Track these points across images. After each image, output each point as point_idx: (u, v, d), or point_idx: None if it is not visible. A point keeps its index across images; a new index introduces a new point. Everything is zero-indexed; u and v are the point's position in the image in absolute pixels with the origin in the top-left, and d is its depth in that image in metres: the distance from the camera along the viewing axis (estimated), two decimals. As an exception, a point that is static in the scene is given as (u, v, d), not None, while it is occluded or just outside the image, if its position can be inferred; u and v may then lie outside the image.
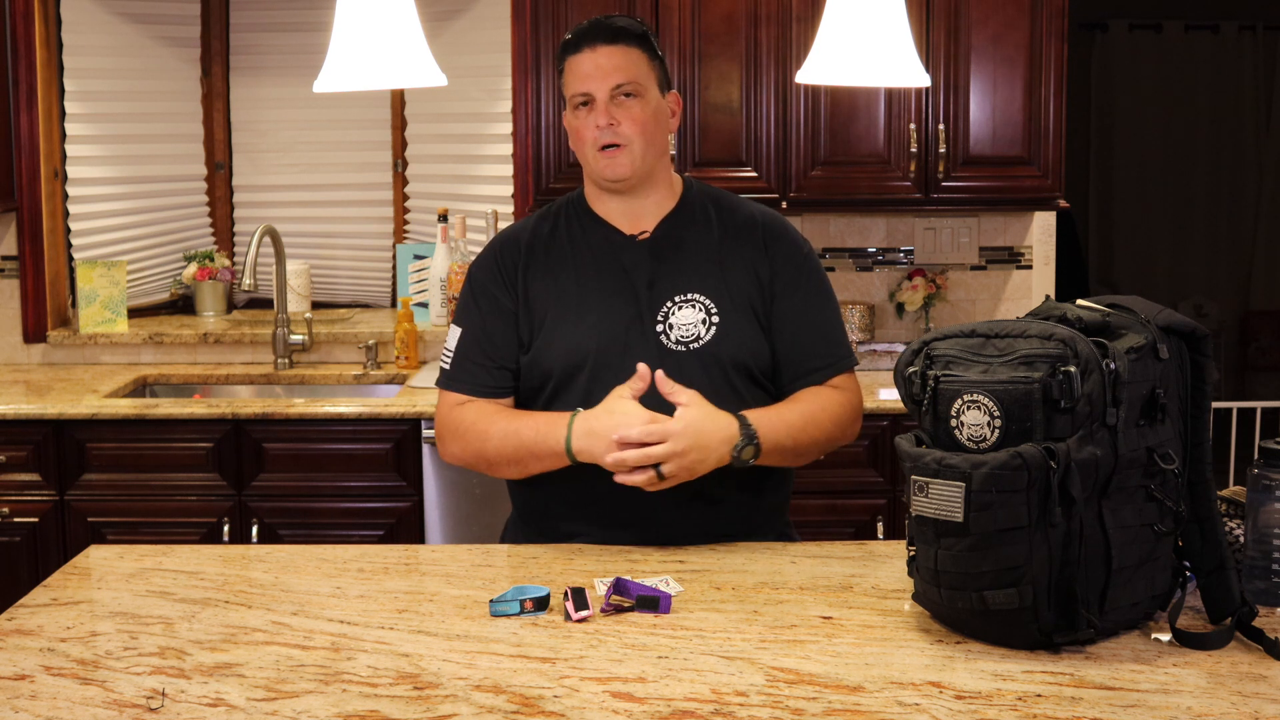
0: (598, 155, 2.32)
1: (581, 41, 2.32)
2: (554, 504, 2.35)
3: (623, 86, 2.30)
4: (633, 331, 2.32)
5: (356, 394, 4.15)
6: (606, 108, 2.30)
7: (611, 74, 2.30)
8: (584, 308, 2.34)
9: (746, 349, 2.33)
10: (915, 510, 1.81)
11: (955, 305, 4.33)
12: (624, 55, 2.31)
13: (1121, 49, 8.13)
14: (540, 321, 2.35)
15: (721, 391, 2.30)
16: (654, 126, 2.33)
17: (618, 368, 2.29)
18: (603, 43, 2.30)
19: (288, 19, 4.67)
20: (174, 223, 4.73)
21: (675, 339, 2.31)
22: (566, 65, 2.34)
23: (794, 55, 3.87)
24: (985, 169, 3.94)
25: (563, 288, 2.36)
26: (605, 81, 2.30)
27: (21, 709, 1.65)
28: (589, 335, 2.32)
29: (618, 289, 2.35)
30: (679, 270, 2.35)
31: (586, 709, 1.63)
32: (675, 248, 2.37)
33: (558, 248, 2.39)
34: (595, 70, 2.30)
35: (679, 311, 2.33)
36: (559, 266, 2.38)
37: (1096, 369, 1.73)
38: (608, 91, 2.30)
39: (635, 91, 2.31)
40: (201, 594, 2.06)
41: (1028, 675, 1.70)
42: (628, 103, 2.31)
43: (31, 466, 3.73)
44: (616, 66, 2.30)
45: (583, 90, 2.31)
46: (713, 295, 2.33)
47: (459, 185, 4.55)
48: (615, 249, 2.37)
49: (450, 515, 3.72)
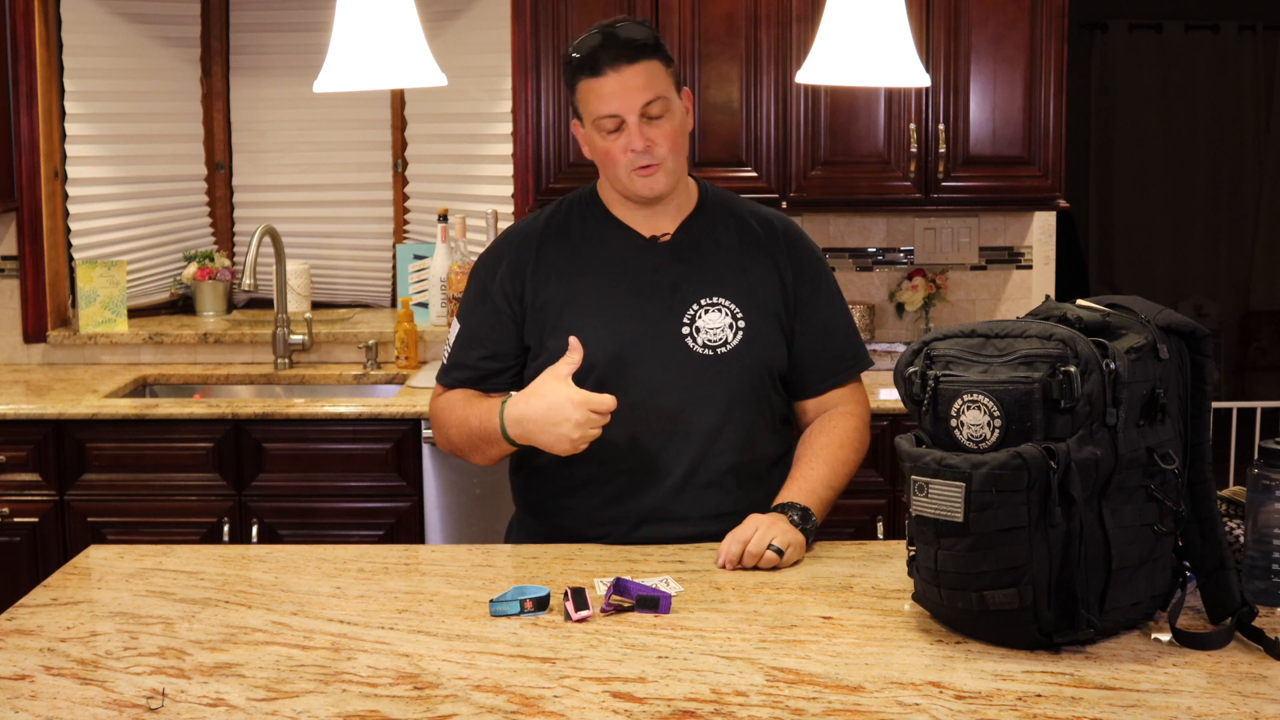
0: (633, 175, 2.27)
1: (600, 63, 2.23)
2: (555, 496, 2.36)
3: (651, 105, 2.24)
4: (658, 334, 2.30)
5: (356, 394, 4.15)
6: (640, 130, 2.24)
7: (639, 93, 2.23)
8: (606, 310, 2.32)
9: (770, 353, 2.34)
10: (915, 510, 1.81)
11: (955, 305, 4.33)
12: (647, 73, 2.24)
13: (1121, 49, 8.13)
14: (556, 323, 2.32)
15: (749, 397, 2.32)
16: (682, 138, 2.30)
17: (641, 372, 2.29)
18: (625, 62, 2.22)
19: (288, 19, 4.67)
20: (174, 223, 4.73)
21: (702, 343, 2.30)
22: (583, 86, 2.26)
23: (794, 55, 3.87)
24: (985, 169, 3.94)
25: (581, 289, 2.33)
26: (634, 102, 2.23)
27: (21, 709, 1.65)
28: (612, 338, 2.30)
29: (639, 291, 2.33)
30: (703, 273, 2.33)
31: (586, 709, 1.63)
32: (696, 250, 2.35)
33: (573, 247, 2.36)
34: (622, 91, 2.23)
35: (705, 315, 2.31)
36: (575, 267, 2.35)
37: (1096, 369, 1.73)
38: (637, 112, 2.23)
39: (663, 109, 2.25)
40: (201, 594, 2.06)
41: (1028, 675, 1.70)
42: (658, 121, 2.25)
43: (31, 466, 3.73)
44: (643, 86, 2.23)
45: (610, 112, 2.24)
46: (738, 300, 2.32)
47: (459, 185, 4.55)
48: (637, 251, 2.35)
49: (450, 515, 3.72)
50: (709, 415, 2.30)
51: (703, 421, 2.30)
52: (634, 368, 2.29)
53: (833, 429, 2.37)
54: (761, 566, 2.13)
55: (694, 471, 2.30)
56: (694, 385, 2.29)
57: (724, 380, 2.30)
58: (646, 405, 2.29)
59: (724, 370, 2.30)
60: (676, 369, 2.29)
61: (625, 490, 2.31)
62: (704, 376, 2.29)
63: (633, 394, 2.26)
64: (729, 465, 2.31)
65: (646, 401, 2.29)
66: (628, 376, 2.28)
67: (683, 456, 2.30)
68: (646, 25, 2.31)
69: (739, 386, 2.31)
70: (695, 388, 2.29)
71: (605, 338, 2.29)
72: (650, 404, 2.29)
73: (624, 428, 2.26)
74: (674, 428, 2.29)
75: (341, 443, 3.74)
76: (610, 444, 2.26)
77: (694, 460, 2.30)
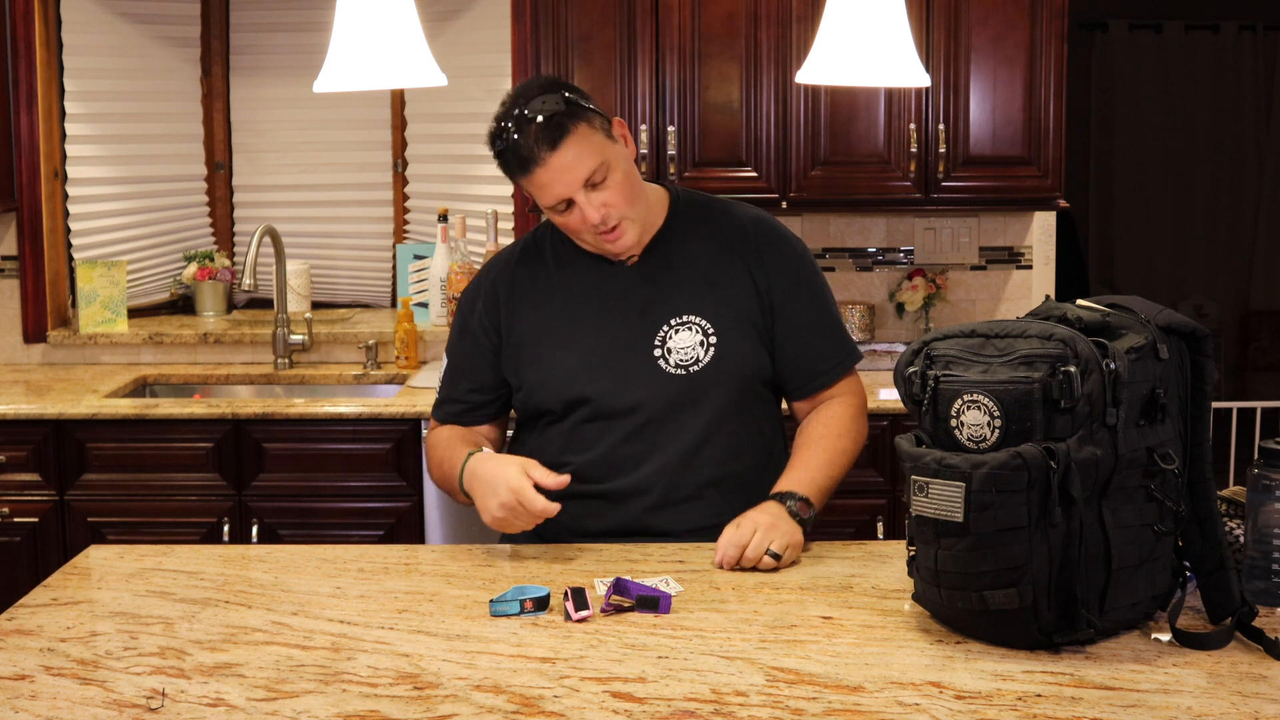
0: (600, 240, 2.26)
1: (526, 160, 2.18)
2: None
3: (592, 176, 2.19)
4: (630, 358, 2.31)
5: (356, 394, 4.15)
6: (589, 202, 2.20)
7: (576, 171, 2.18)
8: (574, 337, 2.33)
9: (746, 366, 2.33)
10: (915, 510, 1.81)
11: (955, 305, 4.33)
12: (574, 147, 2.17)
13: (1121, 49, 8.13)
14: (530, 355, 2.35)
15: (725, 411, 2.32)
16: (632, 183, 2.25)
17: (616, 396, 2.30)
18: (547, 149, 2.16)
19: (288, 19, 4.67)
20: (174, 223, 4.73)
21: (675, 363, 2.30)
22: (523, 183, 2.23)
23: (794, 55, 3.87)
24: (985, 169, 3.94)
25: (550, 318, 2.35)
26: (575, 181, 2.19)
27: (21, 709, 1.65)
28: (581, 365, 2.32)
29: (609, 315, 2.33)
30: (672, 292, 2.32)
31: (586, 709, 1.63)
32: (665, 268, 2.34)
33: (544, 277, 2.37)
34: (558, 178, 2.18)
35: (675, 335, 2.31)
36: (546, 297, 2.36)
37: (1096, 369, 1.73)
38: (582, 188, 2.19)
39: (604, 173, 2.20)
40: (201, 594, 2.06)
41: (1028, 675, 1.70)
42: (603, 186, 2.20)
43: (31, 466, 3.73)
44: (576, 162, 2.18)
45: (556, 200, 2.21)
46: (709, 316, 2.31)
47: (459, 185, 4.55)
48: (604, 275, 2.34)
49: (450, 515, 3.72)
50: (685, 434, 2.30)
51: (679, 441, 2.30)
52: (608, 393, 2.30)
53: (830, 419, 2.37)
54: (760, 569, 2.13)
55: (672, 488, 2.31)
56: (669, 406, 2.30)
57: (699, 398, 2.30)
58: (623, 429, 2.30)
59: (698, 388, 2.30)
60: (650, 391, 2.29)
61: (604, 509, 2.32)
62: (679, 396, 2.29)
63: (608, 419, 2.30)
64: (709, 479, 2.32)
65: (623, 425, 2.30)
66: (602, 402, 2.30)
67: (660, 475, 2.30)
68: (558, 89, 2.22)
69: (715, 403, 2.30)
70: (670, 408, 2.30)
71: (578, 367, 2.31)
72: (626, 427, 2.30)
73: (602, 451, 2.30)
74: (651, 448, 2.30)
75: (341, 443, 3.74)
76: (591, 465, 2.30)
77: (671, 478, 2.30)
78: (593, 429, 2.32)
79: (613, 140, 2.24)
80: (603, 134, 2.23)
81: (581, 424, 2.33)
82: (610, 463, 2.31)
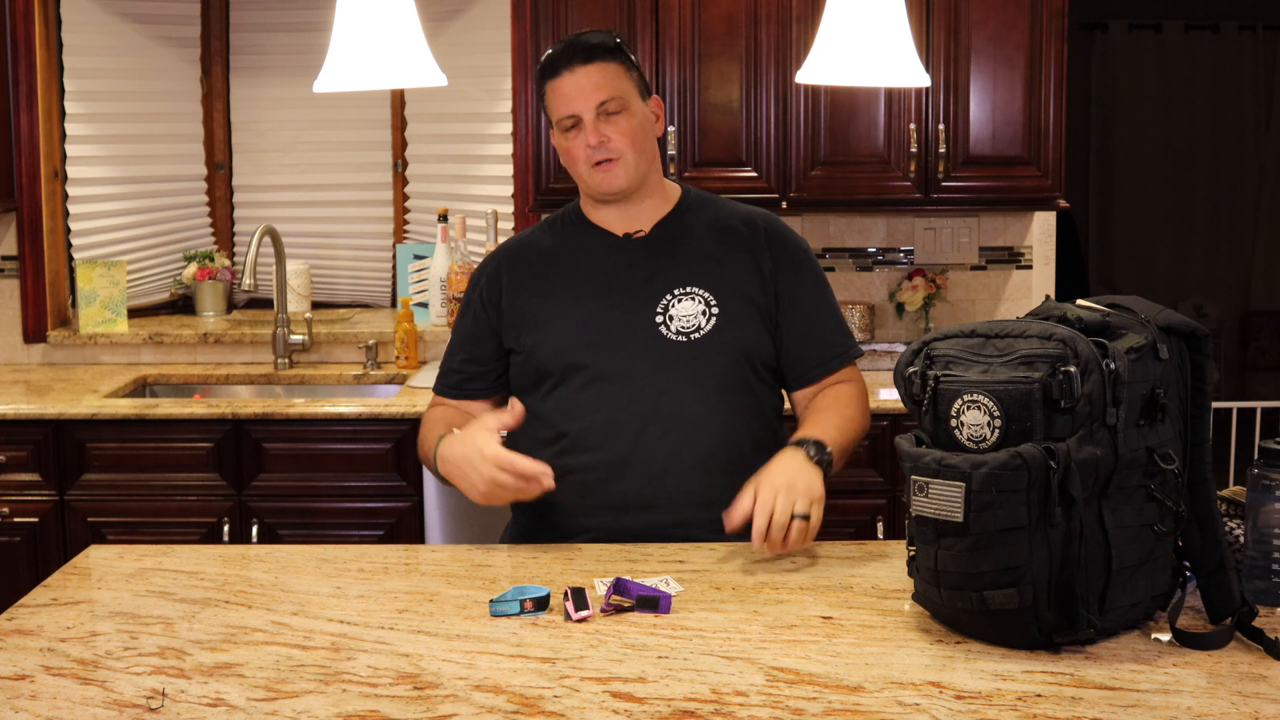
0: (592, 171, 2.36)
1: (559, 65, 2.35)
2: (557, 498, 2.37)
3: (607, 104, 2.33)
4: (630, 323, 2.35)
5: (356, 394, 4.15)
6: (595, 126, 2.33)
7: (593, 92, 2.33)
8: (577, 304, 2.38)
9: (748, 339, 2.36)
10: (915, 510, 1.81)
11: (955, 305, 4.33)
12: (602, 72, 2.34)
13: (1121, 49, 8.13)
14: (532, 320, 2.40)
15: (726, 381, 2.34)
16: (642, 136, 2.37)
17: (615, 359, 2.33)
18: (579, 63, 2.33)
19: (288, 19, 4.67)
20: (174, 223, 4.73)
21: (675, 330, 2.34)
22: (547, 90, 2.38)
23: (794, 55, 3.87)
24: (985, 169, 3.94)
25: (556, 286, 2.41)
26: (589, 101, 2.33)
27: (21, 709, 1.65)
28: (582, 329, 2.36)
29: (612, 285, 2.39)
30: (677, 265, 2.39)
31: (586, 709, 1.63)
32: (672, 245, 2.41)
33: (550, 254, 2.44)
34: (577, 91, 2.33)
35: (678, 304, 2.36)
36: (550, 272, 2.43)
37: (1096, 369, 1.73)
38: (593, 110, 2.33)
39: (620, 106, 2.35)
40: (201, 594, 2.06)
41: (1028, 675, 1.70)
42: (614, 118, 2.34)
43: (31, 466, 3.73)
44: (597, 85, 2.33)
45: (568, 113, 2.34)
46: (712, 289, 2.37)
47: (459, 185, 4.55)
48: (610, 249, 2.42)
49: (450, 515, 3.72)
50: (687, 401, 2.32)
51: (681, 408, 2.32)
52: (607, 356, 2.34)
53: (836, 394, 2.41)
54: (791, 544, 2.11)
55: (675, 457, 2.31)
56: (669, 372, 2.33)
57: (700, 366, 2.33)
58: (622, 393, 2.33)
59: (699, 356, 2.33)
60: (650, 356, 2.33)
61: (607, 478, 2.33)
62: (680, 363, 2.33)
63: (607, 382, 2.33)
64: (712, 451, 2.32)
65: (622, 389, 2.33)
66: (601, 365, 2.34)
67: (662, 443, 2.31)
68: (612, 34, 2.41)
69: (717, 372, 2.34)
70: (671, 374, 2.33)
71: (578, 329, 2.36)
72: (626, 392, 2.33)
73: (602, 416, 2.32)
74: (651, 414, 2.32)
75: (341, 443, 3.74)
76: (590, 432, 2.32)
77: (674, 446, 2.31)
78: (593, 395, 2.34)
79: (642, 99, 2.39)
80: (634, 85, 2.38)
81: (581, 389, 2.35)
82: (610, 429, 2.32)
